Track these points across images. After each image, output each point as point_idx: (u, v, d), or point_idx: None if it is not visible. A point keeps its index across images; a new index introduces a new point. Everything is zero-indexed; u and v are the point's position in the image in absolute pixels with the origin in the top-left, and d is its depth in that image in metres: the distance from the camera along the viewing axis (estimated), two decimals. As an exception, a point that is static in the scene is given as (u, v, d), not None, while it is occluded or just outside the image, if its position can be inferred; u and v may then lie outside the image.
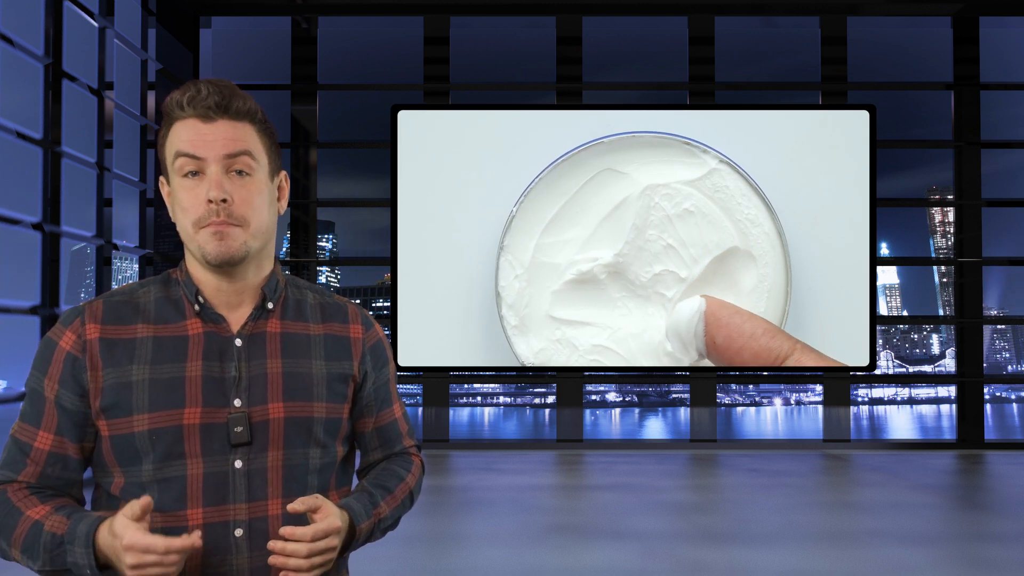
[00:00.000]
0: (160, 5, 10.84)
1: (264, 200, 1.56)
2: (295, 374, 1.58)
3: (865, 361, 10.07)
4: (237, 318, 1.58)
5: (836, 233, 10.10)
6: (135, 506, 1.38)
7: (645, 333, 9.19)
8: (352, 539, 1.58)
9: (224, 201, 1.51)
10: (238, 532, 1.52)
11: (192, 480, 1.49)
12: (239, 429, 1.51)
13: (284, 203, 1.65)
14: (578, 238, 9.14)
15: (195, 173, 1.52)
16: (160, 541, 1.37)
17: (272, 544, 1.46)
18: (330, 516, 1.49)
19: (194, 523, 1.49)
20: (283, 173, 1.65)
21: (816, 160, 10.28)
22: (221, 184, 1.51)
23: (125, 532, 1.37)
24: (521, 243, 9.14)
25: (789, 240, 9.73)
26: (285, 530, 1.45)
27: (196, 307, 1.56)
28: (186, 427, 1.50)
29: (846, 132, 10.37)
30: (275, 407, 1.55)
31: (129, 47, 10.20)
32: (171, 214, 1.58)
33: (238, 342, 1.56)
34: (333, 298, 1.71)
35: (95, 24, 9.44)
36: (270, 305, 1.61)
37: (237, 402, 1.53)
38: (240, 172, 1.53)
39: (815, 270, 10.00)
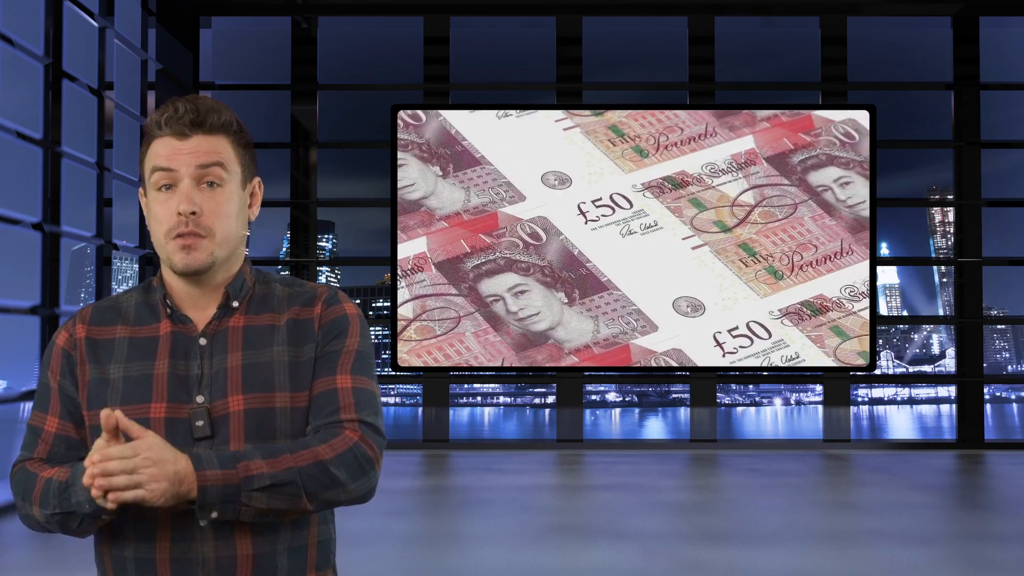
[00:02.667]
0: (160, 5, 10.84)
1: (234, 209, 1.65)
2: (255, 365, 1.62)
3: (865, 361, 10.09)
4: (203, 318, 1.66)
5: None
6: (107, 417, 1.47)
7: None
8: (201, 489, 1.49)
9: (193, 213, 1.60)
10: (203, 521, 1.55)
11: None
12: (200, 423, 1.59)
13: (256, 209, 1.73)
14: None
15: (168, 187, 1.62)
16: (99, 442, 1.48)
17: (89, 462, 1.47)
18: (148, 436, 1.48)
19: (164, 510, 1.56)
20: (256, 180, 1.73)
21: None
22: (191, 197, 1.60)
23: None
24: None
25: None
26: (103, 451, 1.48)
27: (168, 310, 1.66)
28: (152, 420, 1.59)
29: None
30: (235, 400, 1.60)
31: (129, 47, 10.20)
32: (148, 224, 1.68)
33: (202, 341, 1.64)
34: (304, 286, 1.72)
35: (95, 24, 9.44)
36: (235, 304, 1.67)
37: (200, 398, 1.61)
38: (211, 184, 1.62)
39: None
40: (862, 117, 10.44)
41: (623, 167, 10.32)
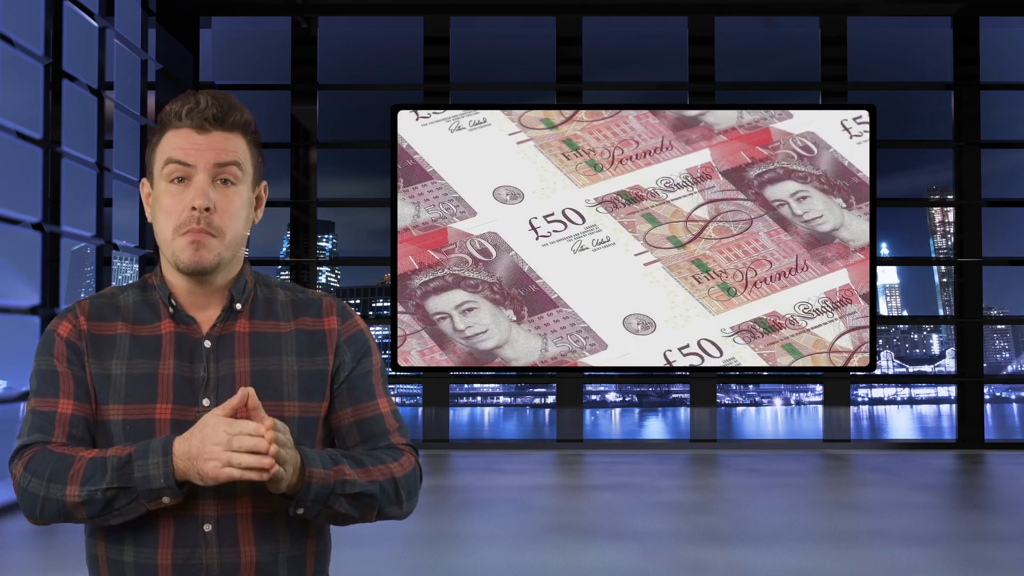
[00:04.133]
0: (160, 5, 10.84)
1: (244, 210, 1.63)
2: (264, 372, 1.61)
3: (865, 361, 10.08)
4: (206, 319, 1.64)
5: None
6: (244, 395, 1.47)
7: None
8: (304, 484, 1.50)
9: (207, 209, 1.57)
10: (207, 527, 1.56)
11: None
12: None
13: (260, 212, 1.71)
14: None
15: (181, 179, 1.58)
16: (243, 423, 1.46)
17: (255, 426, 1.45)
18: (278, 423, 1.48)
19: (165, 514, 1.55)
20: (264, 184, 1.71)
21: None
22: (206, 192, 1.57)
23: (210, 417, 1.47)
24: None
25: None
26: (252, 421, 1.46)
27: (170, 309, 1.63)
28: (158, 421, 1.57)
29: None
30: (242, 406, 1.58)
31: (129, 47, 10.20)
32: (149, 216, 1.64)
33: (207, 343, 1.61)
34: (307, 293, 1.71)
35: (95, 24, 9.44)
36: (238, 306, 1.64)
37: (206, 401, 1.58)
38: (226, 181, 1.60)
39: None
40: (862, 117, 10.43)
41: (576, 181, 10.14)
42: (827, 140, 10.30)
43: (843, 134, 10.34)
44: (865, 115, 10.40)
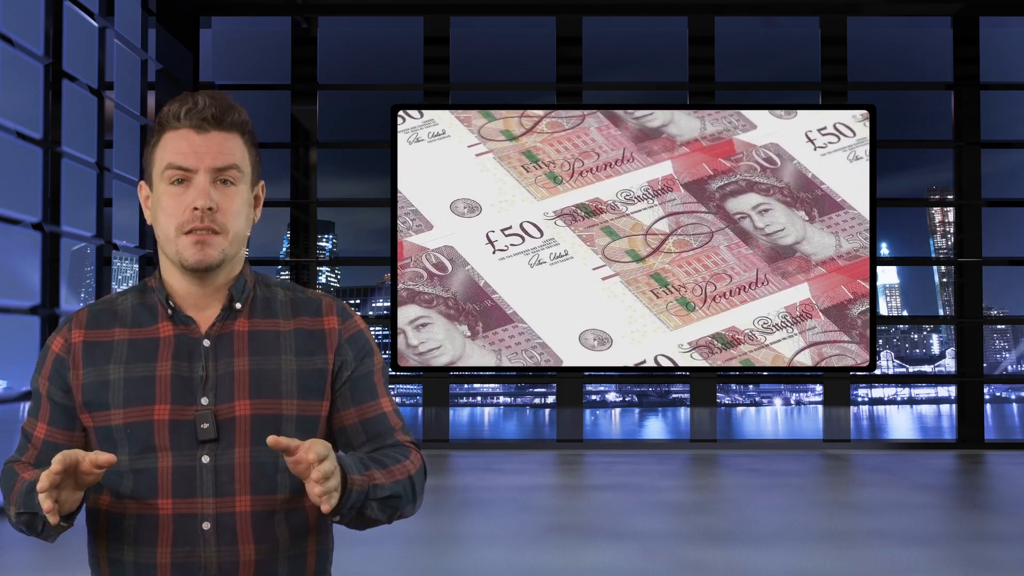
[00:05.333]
0: (160, 5, 10.84)
1: (244, 209, 1.64)
2: (262, 371, 1.62)
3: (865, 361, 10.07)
4: (205, 319, 1.65)
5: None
6: (99, 456, 1.45)
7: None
8: (346, 492, 1.51)
9: (210, 209, 1.58)
10: (206, 525, 1.57)
11: (163, 472, 1.57)
12: (205, 425, 1.58)
13: (259, 212, 1.72)
14: None
15: (181, 181, 1.59)
16: (82, 454, 1.45)
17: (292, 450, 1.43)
18: (315, 443, 1.45)
19: (164, 513, 1.56)
20: (261, 183, 1.72)
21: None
22: (208, 193, 1.58)
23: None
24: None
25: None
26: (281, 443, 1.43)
27: (169, 311, 1.63)
28: (156, 422, 1.58)
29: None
30: (241, 404, 1.59)
31: (129, 47, 10.19)
32: (149, 218, 1.65)
33: (206, 343, 1.62)
34: (307, 293, 1.72)
35: (95, 24, 9.44)
36: (238, 305, 1.65)
37: (204, 400, 1.59)
38: (225, 182, 1.61)
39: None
40: (860, 117, 10.42)
41: (535, 194, 10.02)
42: (791, 152, 10.15)
43: (807, 145, 10.19)
44: (859, 115, 10.32)
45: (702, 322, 9.81)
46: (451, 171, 10.12)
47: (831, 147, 10.24)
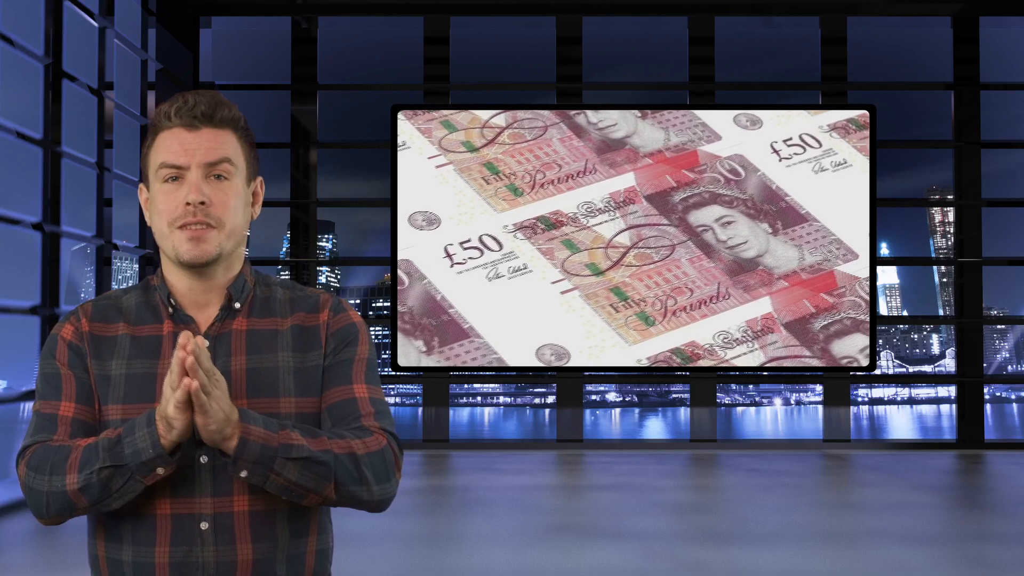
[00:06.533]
0: (160, 5, 10.84)
1: (240, 203, 1.65)
2: (259, 370, 1.62)
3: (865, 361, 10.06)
4: (205, 318, 1.65)
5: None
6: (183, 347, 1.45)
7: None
8: (243, 441, 1.49)
9: (202, 203, 1.59)
10: (204, 525, 1.57)
11: None
12: None
13: (258, 208, 1.73)
14: None
15: (175, 179, 1.61)
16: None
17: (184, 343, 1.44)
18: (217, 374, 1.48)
19: (162, 512, 1.56)
20: (259, 179, 1.73)
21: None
22: (200, 187, 1.59)
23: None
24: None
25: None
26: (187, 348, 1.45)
27: (170, 310, 1.64)
28: None
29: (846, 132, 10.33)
30: (239, 404, 1.59)
31: (129, 47, 10.20)
32: (148, 219, 1.67)
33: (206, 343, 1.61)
34: (305, 291, 1.72)
35: (95, 24, 9.44)
36: (237, 305, 1.66)
37: None
38: (219, 176, 1.62)
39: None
40: (862, 117, 10.41)
41: (495, 206, 9.88)
42: (755, 163, 10.02)
43: (772, 156, 10.04)
44: (828, 126, 10.17)
45: (661, 337, 9.66)
46: (410, 183, 10.02)
47: (796, 158, 10.08)
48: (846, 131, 10.24)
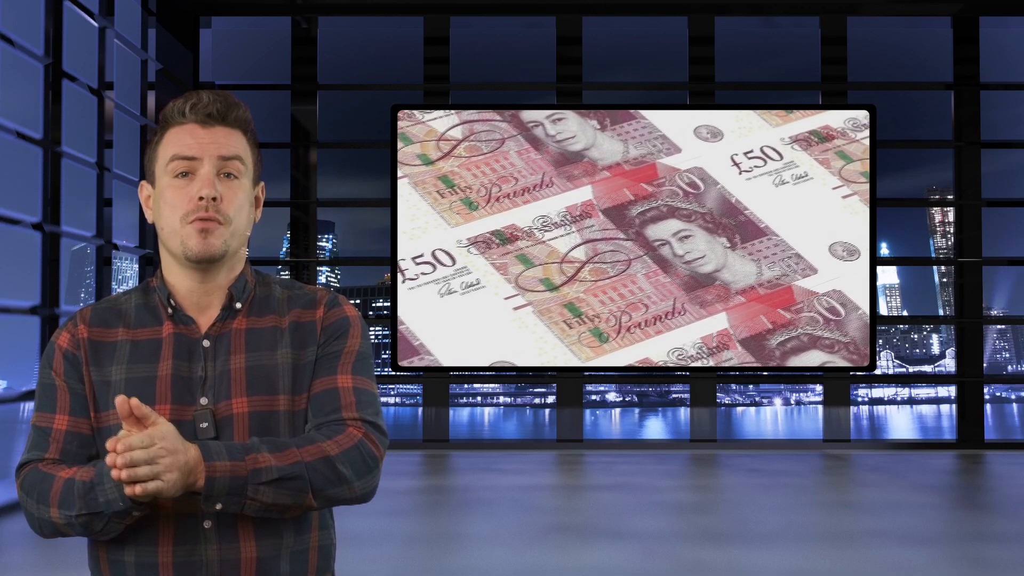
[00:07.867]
0: (160, 5, 10.84)
1: (247, 203, 1.66)
2: (258, 368, 1.62)
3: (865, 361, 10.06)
4: (206, 319, 1.66)
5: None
6: (122, 404, 1.44)
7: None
8: (209, 480, 1.47)
9: (215, 199, 1.59)
10: (207, 524, 1.57)
11: None
12: (204, 425, 1.59)
13: (259, 212, 1.74)
14: None
15: (186, 174, 1.61)
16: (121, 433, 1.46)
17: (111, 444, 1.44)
18: (161, 424, 1.46)
19: (165, 512, 1.56)
20: (261, 184, 1.74)
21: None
22: (212, 183, 1.60)
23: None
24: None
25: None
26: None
27: (169, 311, 1.64)
28: None
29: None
30: (239, 402, 1.60)
31: (129, 47, 10.20)
32: (150, 217, 1.66)
33: (205, 343, 1.63)
34: (304, 289, 1.73)
35: (95, 24, 9.44)
36: (238, 305, 1.66)
37: (203, 400, 1.60)
38: (229, 175, 1.62)
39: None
40: (862, 117, 10.41)
41: (450, 221, 9.78)
42: (715, 176, 9.91)
43: (732, 169, 9.93)
44: (790, 138, 10.10)
45: (615, 353, 9.54)
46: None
47: (757, 171, 9.97)
48: (808, 143, 10.10)
